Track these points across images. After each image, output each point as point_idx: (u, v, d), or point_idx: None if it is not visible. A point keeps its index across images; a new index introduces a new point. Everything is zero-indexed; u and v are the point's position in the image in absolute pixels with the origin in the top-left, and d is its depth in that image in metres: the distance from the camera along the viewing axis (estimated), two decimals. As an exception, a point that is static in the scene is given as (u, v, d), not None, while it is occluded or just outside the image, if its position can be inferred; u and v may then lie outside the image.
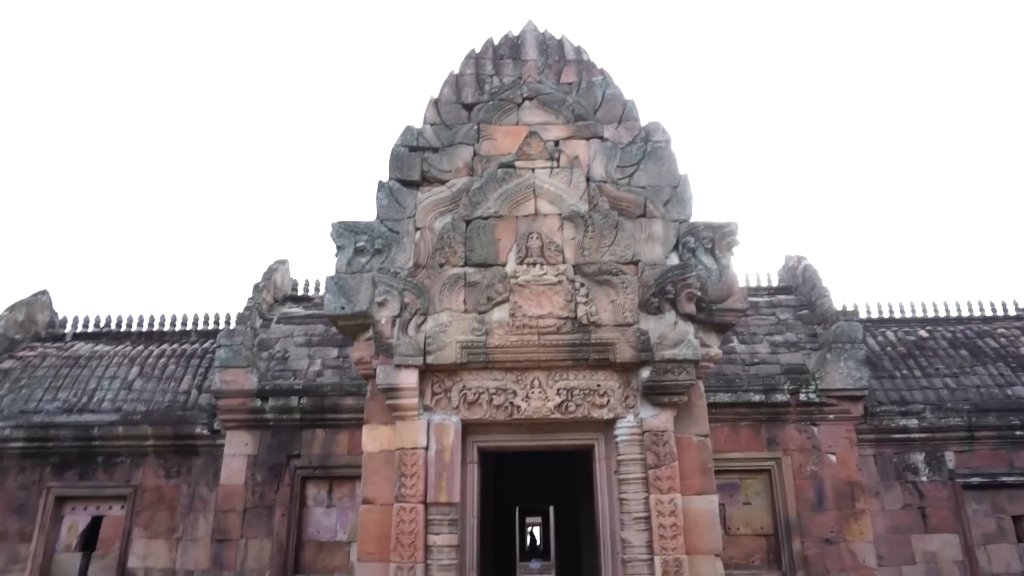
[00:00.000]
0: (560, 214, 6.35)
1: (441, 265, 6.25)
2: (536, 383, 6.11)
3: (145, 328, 11.81)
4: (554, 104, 6.73)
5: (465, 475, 6.18)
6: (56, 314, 12.10)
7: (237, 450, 10.27)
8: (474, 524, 6.16)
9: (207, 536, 10.20)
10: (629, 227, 6.29)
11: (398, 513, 5.88)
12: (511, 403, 6.08)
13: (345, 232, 6.40)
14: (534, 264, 6.18)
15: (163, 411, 10.56)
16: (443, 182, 6.55)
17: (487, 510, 8.11)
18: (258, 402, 10.27)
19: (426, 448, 6.04)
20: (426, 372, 6.14)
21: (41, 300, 11.91)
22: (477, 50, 7.04)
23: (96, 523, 10.44)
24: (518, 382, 6.12)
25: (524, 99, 6.76)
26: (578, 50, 7.00)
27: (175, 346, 11.47)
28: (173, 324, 11.82)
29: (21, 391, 10.77)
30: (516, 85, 6.80)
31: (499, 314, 6.11)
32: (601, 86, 6.81)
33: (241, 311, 10.95)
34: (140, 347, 11.47)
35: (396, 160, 6.62)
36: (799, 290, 11.37)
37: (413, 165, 6.61)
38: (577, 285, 6.14)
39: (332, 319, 6.30)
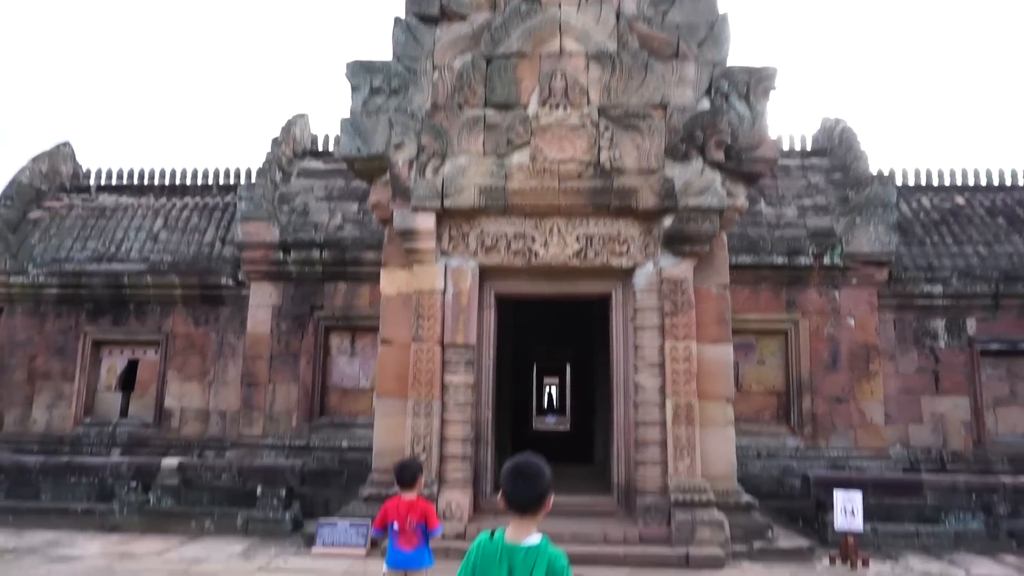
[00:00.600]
0: (586, 53, 5.96)
1: (460, 106, 5.96)
2: (555, 229, 5.95)
3: (167, 182, 11.71)
4: (583, -67, 6.17)
5: (482, 319, 6.16)
6: (80, 166, 12.01)
7: (262, 300, 10.39)
8: (490, 366, 6.20)
9: (236, 380, 10.52)
10: (659, 69, 5.90)
11: (416, 353, 5.92)
12: (529, 249, 5.96)
13: (360, 71, 6.09)
14: (557, 106, 5.87)
15: (189, 262, 10.64)
16: (463, 17, 6.14)
17: (504, 359, 8.22)
18: (280, 254, 10.28)
19: (443, 291, 5.99)
20: (443, 216, 6.00)
21: (64, 151, 11.80)
22: None
23: (133, 366, 10.79)
24: (537, 228, 5.97)
25: (551, -72, 6.20)
26: None
27: (197, 199, 11.41)
28: (195, 178, 11.70)
29: (51, 240, 10.86)
30: (543, -88, 6.22)
31: (519, 158, 5.87)
32: (635, -88, 6.22)
33: (261, 165, 10.76)
34: (163, 200, 11.43)
35: (414, -7, 6.20)
36: (833, 153, 10.88)
37: (431, 0, 6.18)
38: (601, 129, 5.85)
39: (347, 161, 6.11)
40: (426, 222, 5.83)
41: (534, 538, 1.97)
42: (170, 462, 7.12)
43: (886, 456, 9.76)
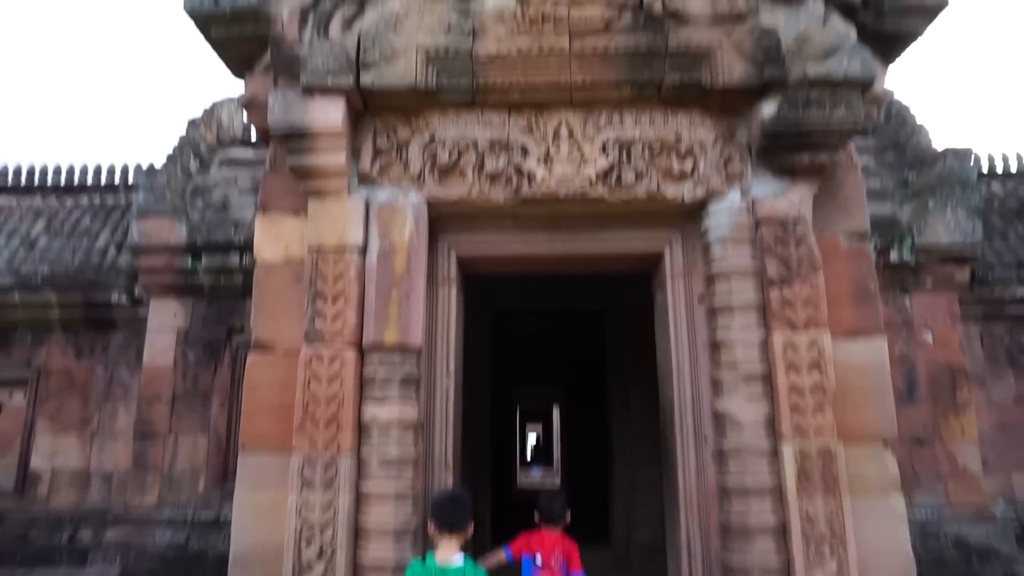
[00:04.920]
0: None
1: (392, -81, 3.10)
2: (564, 131, 3.04)
3: (63, 181, 8.68)
4: None
5: (435, 301, 3.19)
6: (-46, 163, 8.98)
7: (163, 322, 7.28)
8: (450, 390, 3.18)
9: (128, 430, 7.33)
10: None
11: (310, 364, 2.91)
12: (518, 169, 3.03)
13: None
14: (563, -90, 3.02)
15: (72, 274, 7.55)
16: None
17: (477, 386, 5.20)
18: (188, 260, 7.23)
19: (362, 249, 3.03)
20: (364, 111, 3.08)
21: (-68, 144, 8.80)
22: None
23: (-7, 413, 7.59)
24: (531, 130, 3.05)
25: None
26: None
27: (94, 199, 8.40)
28: (97, 176, 8.67)
29: None
30: None
31: (498, 0, 2.99)
32: None
33: (171, 151, 7.81)
34: (51, 200, 8.40)
35: None
36: (882, 130, 8.17)
37: None
38: (644, -54, 3.00)
39: (200, 23, 3.18)
40: (328, 113, 2.89)
41: (458, 558, 2.33)
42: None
43: (989, 516, 6.74)
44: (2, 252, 7.75)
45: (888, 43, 3.15)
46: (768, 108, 2.90)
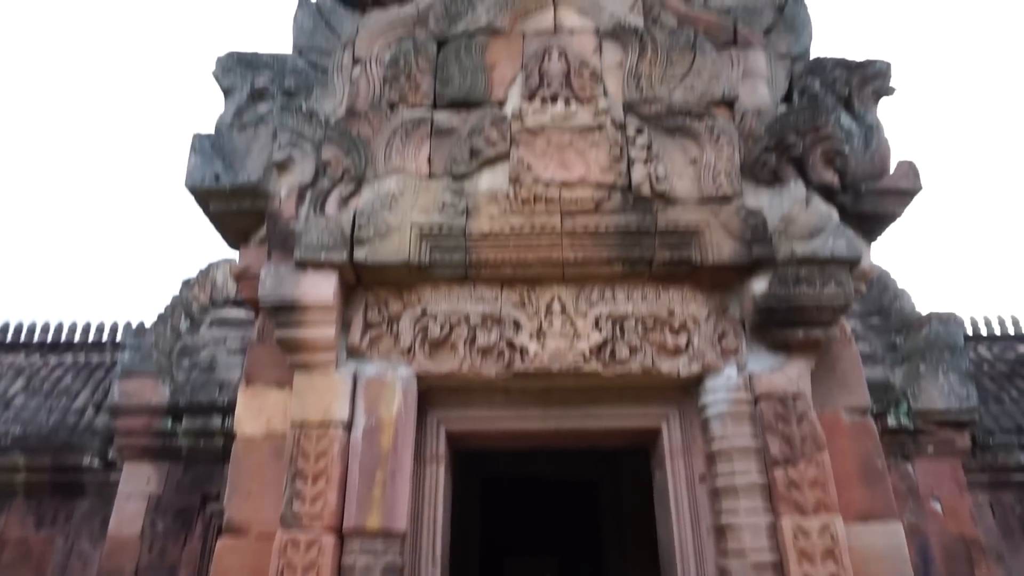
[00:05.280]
0: (597, 29, 3.43)
1: (392, 105, 3.27)
2: (557, 306, 3.02)
3: (50, 338, 8.60)
4: (581, -101, 3.91)
5: (422, 482, 3.00)
6: (-58, 319, 8.92)
7: (135, 487, 6.89)
8: (436, 578, 2.91)
9: (82, 609, 6.75)
10: (712, 55, 3.36)
11: (284, 551, 2.67)
12: (510, 344, 2.98)
13: (236, 67, 3.45)
14: (554, 99, 3.21)
15: (45, 435, 7.25)
16: (404, 0, 3.66)
17: (466, 559, 4.81)
18: (168, 422, 7.00)
19: (347, 425, 2.89)
20: (356, 284, 3.07)
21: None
22: None
23: (-62, 589, 6.95)
24: (523, 305, 3.03)
25: None
26: None
27: (78, 357, 8.27)
28: (85, 333, 8.63)
29: None
30: None
31: (492, 180, 3.09)
32: None
33: (162, 311, 7.82)
34: (35, 358, 8.26)
35: (331, -30, 3.75)
36: (866, 296, 8.35)
37: (358, -23, 3.74)
38: (631, 133, 3.16)
39: (199, 198, 3.25)
40: (320, 288, 2.87)
41: None
42: None
43: None
44: (-25, 411, 7.49)
45: (868, 223, 3.24)
46: (759, 285, 2.91)
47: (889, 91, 3.45)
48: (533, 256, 2.98)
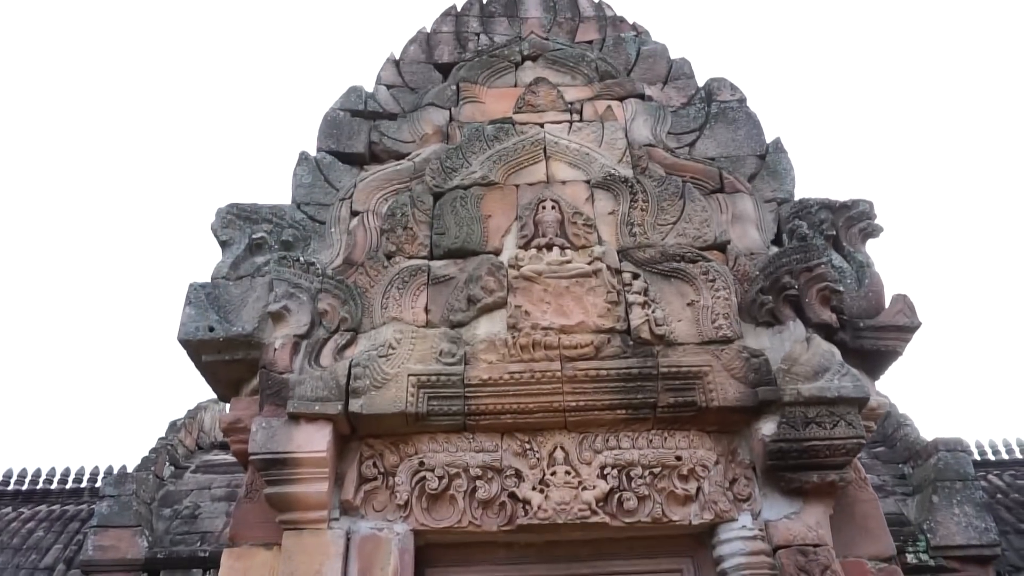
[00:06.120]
0: (588, 180, 3.54)
1: (389, 256, 3.30)
2: (560, 455, 2.89)
3: (26, 485, 8.19)
4: (569, 61, 4.18)
5: (418, 653, 2.73)
6: (-86, 469, 8.50)
7: (104, 656, 6.35)
8: None
9: None
10: (701, 202, 3.47)
11: None
12: (512, 495, 2.82)
13: (234, 220, 3.51)
14: (549, 247, 3.25)
15: (8, 597, 6.73)
16: (401, 156, 3.81)
17: None
18: (144, 578, 6.57)
19: (339, 590, 2.67)
20: (351, 436, 2.94)
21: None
22: (459, 7, 4.64)
23: None
24: (525, 454, 2.90)
25: (525, 57, 4.21)
26: (598, 5, 4.64)
27: (54, 508, 7.83)
28: (64, 480, 8.24)
29: None
30: (514, 42, 4.30)
31: (489, 327, 3.06)
32: (635, 42, 4.35)
33: (147, 454, 7.54)
34: (7, 510, 7.82)
35: (331, 127, 3.92)
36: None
37: (356, 134, 3.91)
38: (627, 278, 3.18)
39: (191, 349, 3.19)
40: (312, 440, 2.76)
41: None
42: None
43: None
44: (-63, 571, 6.99)
45: (871, 360, 3.21)
46: (767, 427, 2.82)
47: (877, 231, 3.54)
48: (534, 403, 2.89)
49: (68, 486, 8.25)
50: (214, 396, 8.54)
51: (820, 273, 3.11)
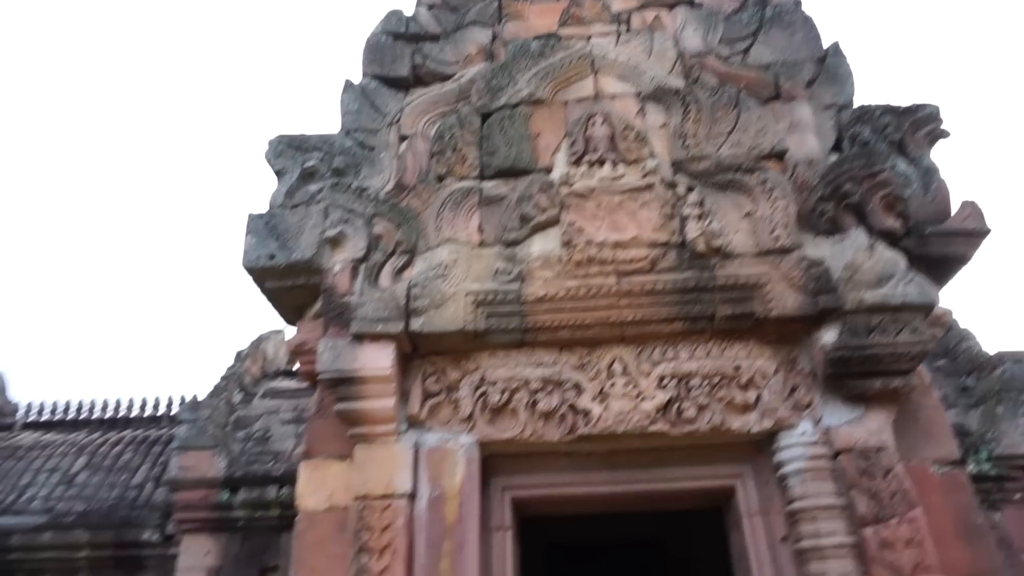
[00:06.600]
0: (639, 93, 3.43)
1: (440, 178, 3.30)
2: (618, 367, 2.93)
3: (109, 414, 8.75)
4: (614, -31, 3.99)
5: (489, 551, 2.88)
6: (10, 401, 9.16)
7: (194, 561, 6.84)
8: (508, 659, 2.77)
9: None
10: (757, 110, 3.33)
11: (352, 635, 2.57)
12: (572, 407, 2.89)
13: (287, 150, 3.54)
14: (601, 162, 3.19)
15: (105, 511, 7.29)
16: (446, 78, 3.74)
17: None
18: (225, 494, 6.97)
19: (411, 496, 2.81)
20: (412, 354, 3.03)
21: (-7, 383, 9.04)
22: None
23: (4, 673, 6.93)
24: (583, 367, 2.95)
25: (568, -32, 4.04)
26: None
27: (138, 432, 8.36)
28: (143, 408, 8.77)
29: (-65, 490, 7.63)
30: (556, -47, 4.11)
31: (543, 244, 3.06)
32: (682, -55, 4.11)
33: (217, 383, 7.90)
34: (96, 435, 8.38)
35: (374, 52, 3.86)
36: (924, 336, 8.02)
37: (400, 57, 3.84)
38: (681, 191, 3.11)
39: (256, 276, 3.29)
40: (378, 359, 2.85)
41: None
42: None
43: None
44: (40, 489, 7.58)
45: (937, 267, 3.10)
46: (828, 336, 2.79)
47: (944, 134, 3.35)
48: (590, 317, 2.91)
49: (147, 414, 8.76)
50: (275, 327, 8.81)
51: (884, 179, 2.99)
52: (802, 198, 3.05)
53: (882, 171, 3.00)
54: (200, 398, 8.16)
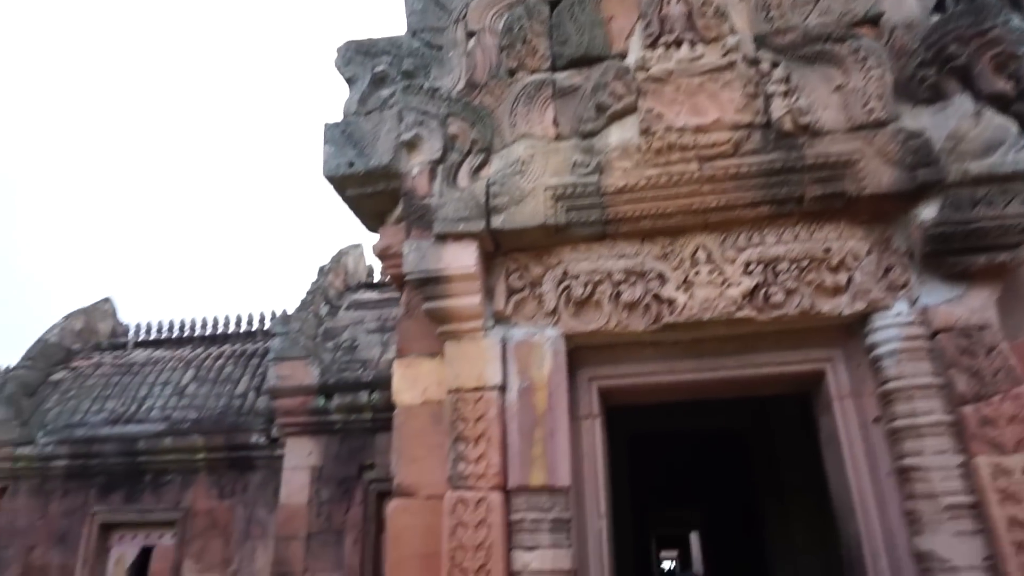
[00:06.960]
0: (716, -37, 3.19)
1: (512, 72, 3.21)
2: (702, 255, 2.89)
3: (209, 331, 9.35)
4: None
5: (579, 438, 2.99)
6: (120, 323, 9.89)
7: (299, 461, 7.42)
8: (602, 531, 2.92)
9: (266, 569, 7.36)
10: (847, -29, 3.04)
11: (454, 509, 2.75)
12: (656, 296, 2.88)
13: (356, 56, 3.51)
14: (678, 43, 3.03)
15: (215, 418, 7.92)
16: (511, -34, 3.57)
17: (622, 526, 4.82)
18: (321, 400, 7.45)
19: (501, 388, 2.91)
20: (495, 252, 3.07)
21: (103, 308, 9.75)
22: None
23: (146, 554, 7.82)
24: (666, 257, 2.92)
25: None
26: None
27: (236, 346, 8.93)
28: (238, 324, 9.32)
29: (68, 403, 8.44)
30: None
31: (620, 134, 2.97)
32: None
33: (304, 297, 8.27)
34: (199, 350, 9.00)
35: (435, -55, 3.72)
36: None
37: (462, -51, 3.68)
38: (765, 67, 2.93)
39: (336, 185, 3.36)
40: (462, 258, 2.89)
41: None
42: None
43: None
44: (157, 400, 8.26)
45: (1049, 131, 2.85)
46: (928, 211, 2.64)
47: (1061, -20, 3.00)
48: (672, 206, 2.85)
49: (243, 329, 9.30)
50: (354, 242, 9.03)
51: (995, 36, 2.72)
52: (899, 65, 2.82)
53: (993, 27, 2.73)
54: (289, 312, 8.58)
